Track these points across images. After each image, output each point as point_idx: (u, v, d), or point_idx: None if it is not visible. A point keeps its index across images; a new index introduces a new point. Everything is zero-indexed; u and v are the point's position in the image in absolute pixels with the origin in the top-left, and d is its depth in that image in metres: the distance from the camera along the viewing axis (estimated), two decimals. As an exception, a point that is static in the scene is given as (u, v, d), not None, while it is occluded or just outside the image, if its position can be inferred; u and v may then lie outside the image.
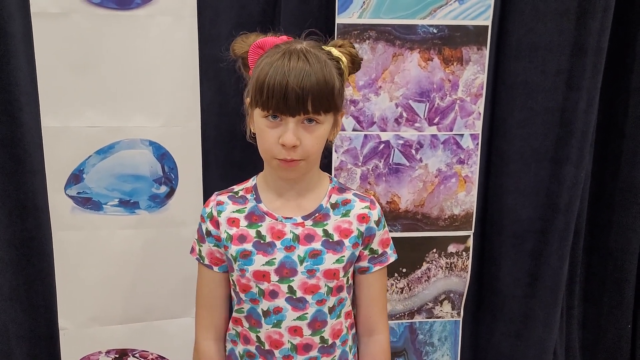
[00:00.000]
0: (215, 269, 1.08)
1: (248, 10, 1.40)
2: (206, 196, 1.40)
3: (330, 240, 1.03)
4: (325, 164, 1.37)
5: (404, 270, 1.52)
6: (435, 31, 1.39)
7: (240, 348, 1.08)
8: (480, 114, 1.46)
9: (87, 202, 1.39)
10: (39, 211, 1.41)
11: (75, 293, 1.42)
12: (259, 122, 0.96)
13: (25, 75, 1.33)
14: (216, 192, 1.10)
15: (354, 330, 1.12)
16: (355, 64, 1.05)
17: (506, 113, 1.52)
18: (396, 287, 1.52)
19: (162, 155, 1.40)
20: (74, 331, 1.43)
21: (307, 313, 1.02)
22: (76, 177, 1.37)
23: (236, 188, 1.10)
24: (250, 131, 1.03)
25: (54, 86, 1.32)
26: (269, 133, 0.95)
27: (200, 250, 1.09)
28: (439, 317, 1.57)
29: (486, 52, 1.42)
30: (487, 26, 1.40)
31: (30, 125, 1.36)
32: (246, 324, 1.06)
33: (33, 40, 1.29)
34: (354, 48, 1.05)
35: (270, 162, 0.98)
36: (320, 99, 0.92)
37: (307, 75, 0.91)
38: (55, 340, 1.45)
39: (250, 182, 1.09)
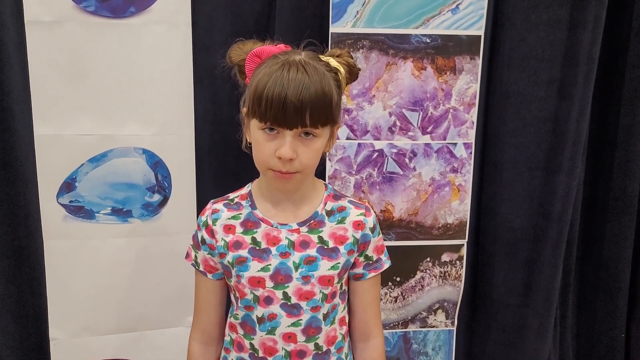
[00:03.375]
0: (209, 276, 1.09)
1: (243, 19, 1.41)
2: (200, 204, 1.40)
3: (325, 247, 1.03)
4: (320, 172, 1.38)
5: (398, 279, 1.51)
6: (428, 41, 1.40)
7: (233, 355, 1.08)
8: (473, 123, 1.46)
9: (80, 211, 1.38)
10: (31, 219, 1.39)
11: (66, 302, 1.40)
12: (255, 134, 0.96)
13: (18, 83, 1.33)
14: (212, 200, 1.10)
15: (349, 338, 1.12)
16: (353, 74, 1.05)
17: (499, 122, 1.53)
18: (390, 296, 1.52)
19: (156, 164, 1.40)
20: (65, 341, 1.42)
21: (301, 319, 1.02)
22: (68, 186, 1.36)
23: (231, 195, 1.10)
24: (246, 141, 1.03)
25: (47, 94, 1.31)
26: (266, 145, 0.94)
27: (195, 257, 1.09)
28: (433, 327, 1.57)
29: (479, 61, 1.43)
30: (480, 36, 1.41)
31: (22, 133, 1.35)
32: (241, 331, 1.05)
33: (26, 48, 1.29)
34: (352, 58, 1.05)
35: (266, 173, 0.98)
36: (318, 112, 0.92)
37: (306, 88, 0.90)
38: (45, 350, 1.44)
39: (245, 189, 1.09)
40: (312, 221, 1.04)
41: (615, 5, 1.52)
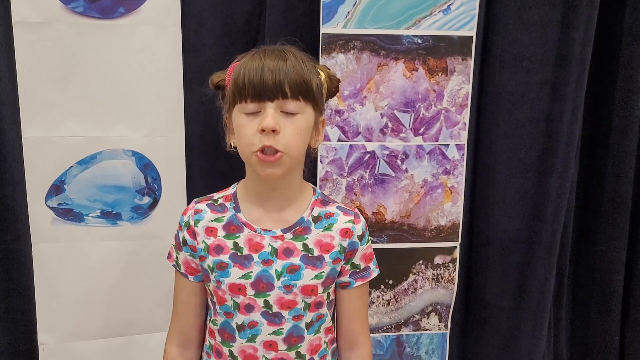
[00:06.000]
0: (190, 278, 1.07)
1: (233, 19, 1.40)
2: (190, 207, 1.38)
3: (310, 255, 1.00)
4: (311, 174, 1.37)
5: (390, 282, 1.50)
6: (419, 41, 1.39)
7: None
8: (465, 124, 1.46)
9: (68, 214, 1.36)
10: (19, 223, 1.38)
11: (55, 307, 1.39)
12: (238, 120, 0.94)
13: (5, 84, 1.32)
14: (195, 200, 1.08)
15: (334, 345, 1.10)
16: (333, 82, 1.04)
17: (491, 123, 1.53)
18: (382, 299, 1.50)
19: (145, 166, 1.38)
20: (54, 346, 1.40)
21: (282, 328, 1.00)
22: (57, 188, 1.35)
23: (216, 195, 1.07)
24: (231, 144, 1.01)
25: (35, 96, 1.30)
26: (248, 125, 0.93)
27: (177, 258, 1.07)
28: (426, 330, 1.55)
29: (471, 62, 1.42)
30: (472, 37, 1.41)
31: (10, 135, 1.34)
32: (219, 338, 1.03)
33: (14, 49, 1.28)
34: (330, 70, 1.06)
35: (250, 158, 0.94)
36: (297, 83, 0.92)
37: (283, 61, 0.92)
38: (34, 355, 1.42)
39: (230, 190, 1.07)
40: (297, 227, 1.02)
41: (607, 5, 1.52)
